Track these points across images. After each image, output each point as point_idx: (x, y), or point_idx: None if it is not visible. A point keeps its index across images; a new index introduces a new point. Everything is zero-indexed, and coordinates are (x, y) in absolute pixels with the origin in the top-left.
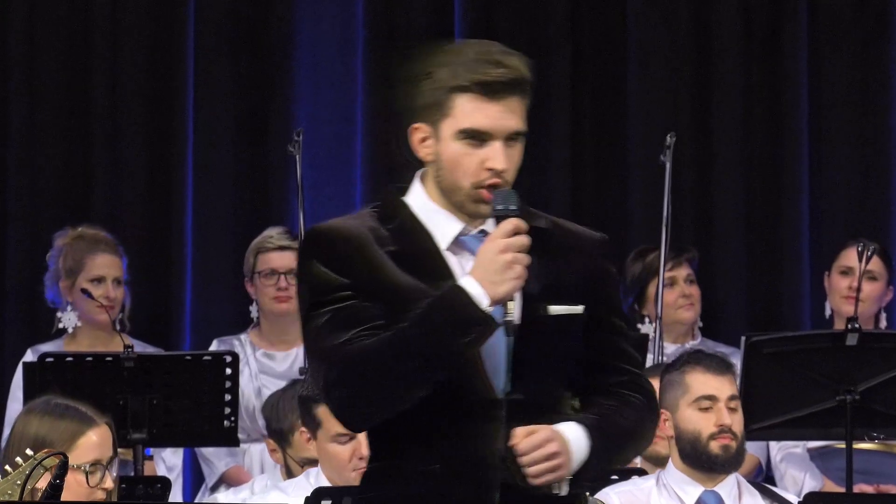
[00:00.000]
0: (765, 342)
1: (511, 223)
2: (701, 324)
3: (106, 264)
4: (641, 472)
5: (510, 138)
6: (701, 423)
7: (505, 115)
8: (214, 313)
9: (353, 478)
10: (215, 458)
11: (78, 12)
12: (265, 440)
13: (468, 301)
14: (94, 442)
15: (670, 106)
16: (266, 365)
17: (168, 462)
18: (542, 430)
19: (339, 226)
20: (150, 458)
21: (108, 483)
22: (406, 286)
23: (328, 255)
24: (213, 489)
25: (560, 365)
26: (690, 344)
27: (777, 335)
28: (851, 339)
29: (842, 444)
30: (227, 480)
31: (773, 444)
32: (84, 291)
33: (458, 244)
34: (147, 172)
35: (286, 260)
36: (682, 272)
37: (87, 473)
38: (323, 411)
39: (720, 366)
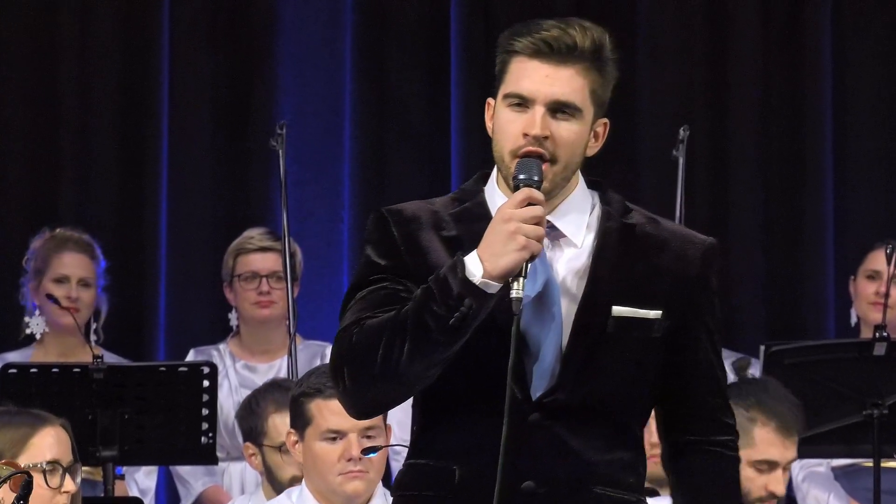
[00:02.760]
0: (785, 352)
1: (522, 192)
2: None
3: (71, 263)
4: (653, 493)
5: (557, 109)
6: (752, 484)
7: (550, 81)
8: (191, 321)
9: (338, 483)
10: (192, 478)
11: None
12: (243, 447)
13: (460, 272)
14: (48, 441)
15: (683, 97)
16: (247, 377)
17: (141, 484)
18: None
19: (399, 208)
20: (122, 477)
21: (71, 486)
22: None
23: (378, 237)
24: None
25: (625, 373)
26: (735, 357)
27: (798, 344)
28: (879, 349)
29: (869, 463)
30: (204, 502)
31: (795, 463)
32: (49, 297)
33: None
34: (118, 169)
35: (268, 262)
36: None
37: (44, 472)
38: (316, 406)
39: (793, 423)
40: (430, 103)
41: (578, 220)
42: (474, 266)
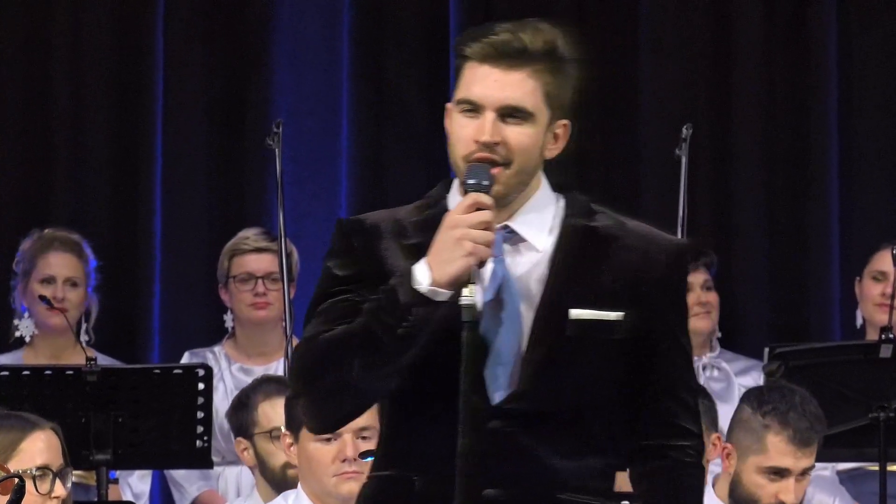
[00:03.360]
0: (790, 354)
1: (469, 198)
2: (719, 334)
3: (58, 263)
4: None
5: (508, 114)
6: (763, 491)
7: (500, 86)
8: (185, 322)
9: (332, 485)
10: (186, 482)
11: None
12: (235, 443)
13: (408, 282)
14: (38, 446)
15: (686, 95)
16: (242, 380)
17: (135, 488)
18: None
19: (360, 218)
20: (115, 481)
21: (61, 490)
22: None
23: (338, 248)
24: None
25: (586, 376)
26: (707, 356)
27: (803, 347)
28: (885, 351)
29: (875, 466)
30: None
31: None
32: (42, 298)
33: None
34: (111, 168)
35: (264, 263)
36: (699, 277)
37: (34, 478)
38: None
39: (809, 434)
40: (428, 102)
41: (539, 223)
42: (422, 274)
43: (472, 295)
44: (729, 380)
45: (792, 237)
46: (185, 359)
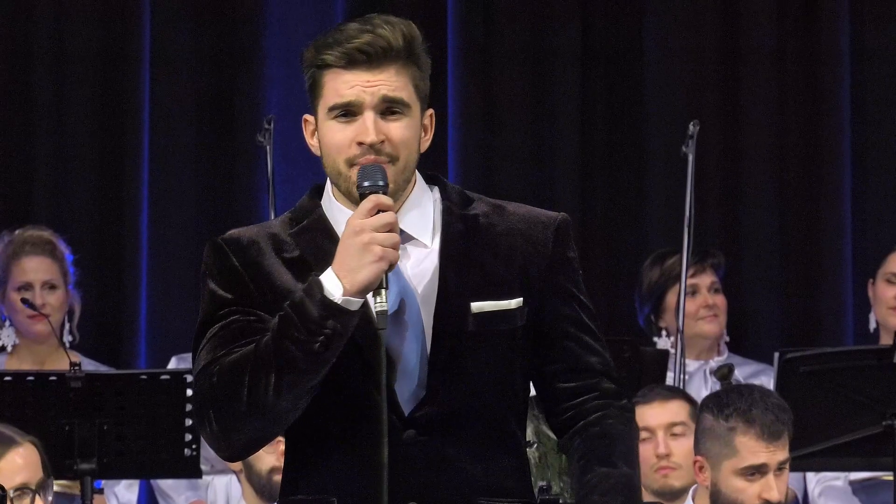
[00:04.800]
0: (801, 359)
1: (370, 201)
2: (727, 338)
3: (32, 268)
4: None
5: (387, 110)
6: (745, 494)
7: (373, 85)
8: (173, 326)
9: None
10: (174, 492)
11: None
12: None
13: (318, 292)
14: (17, 465)
15: (693, 90)
16: None
17: (122, 498)
18: None
19: (235, 235)
20: (101, 491)
21: None
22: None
23: (218, 268)
24: None
25: (496, 371)
26: (715, 361)
27: (815, 351)
28: None
29: (889, 476)
30: None
31: (811, 476)
32: (25, 301)
33: None
34: (95, 166)
35: None
36: (706, 279)
37: (11, 500)
38: None
39: (776, 427)
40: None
41: (422, 218)
42: (332, 285)
43: (385, 301)
44: None
45: (803, 238)
46: (173, 364)
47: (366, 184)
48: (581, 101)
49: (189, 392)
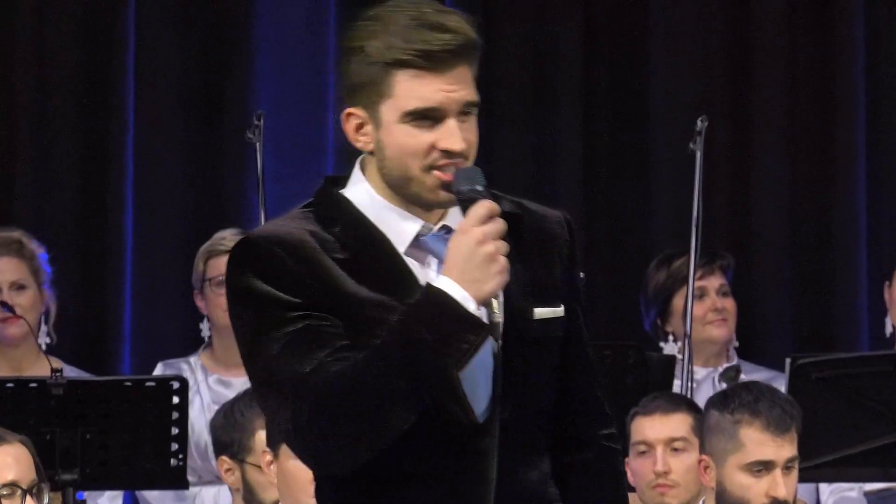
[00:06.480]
0: (814, 365)
1: (484, 207)
2: (737, 343)
3: None
4: None
5: (464, 112)
6: (751, 491)
7: (456, 87)
8: (159, 331)
9: None
10: None
11: None
12: (217, 462)
13: (454, 306)
14: (6, 461)
15: (701, 84)
16: (220, 393)
17: None
18: None
19: (277, 234)
20: (83, 502)
21: None
22: (367, 300)
23: (272, 271)
24: None
25: (546, 382)
26: (724, 367)
27: (828, 357)
28: None
29: None
30: None
31: (824, 487)
32: (2, 304)
33: (417, 246)
34: (78, 164)
35: None
36: (715, 282)
37: (1, 497)
38: None
39: (782, 420)
40: None
41: None
42: (460, 296)
43: (498, 311)
44: None
45: (816, 238)
46: (159, 370)
47: (464, 188)
48: (584, 97)
49: (176, 400)
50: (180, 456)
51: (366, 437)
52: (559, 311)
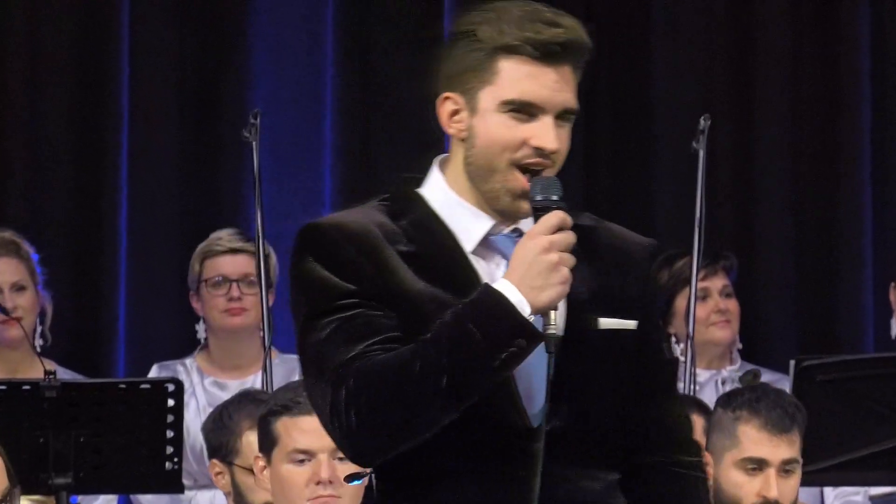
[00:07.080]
0: (818, 367)
1: (555, 216)
2: (740, 345)
3: None
4: None
5: (562, 117)
6: (743, 490)
7: (560, 86)
8: (154, 333)
9: None
10: None
11: None
12: (209, 465)
13: (509, 308)
14: None
15: (704, 82)
16: (216, 396)
17: None
18: None
19: (342, 222)
20: None
21: None
22: (424, 295)
23: (331, 257)
24: None
25: (607, 394)
26: (728, 370)
27: (833, 359)
28: None
29: None
30: None
31: (829, 491)
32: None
33: (486, 245)
34: (72, 163)
35: (239, 265)
36: (718, 283)
37: None
38: (283, 424)
39: (781, 420)
40: (419, 90)
41: None
42: (517, 300)
43: (555, 323)
44: None
45: (820, 239)
46: (154, 372)
47: (539, 197)
48: (586, 95)
49: (171, 402)
50: (175, 459)
51: (402, 427)
52: (628, 324)
